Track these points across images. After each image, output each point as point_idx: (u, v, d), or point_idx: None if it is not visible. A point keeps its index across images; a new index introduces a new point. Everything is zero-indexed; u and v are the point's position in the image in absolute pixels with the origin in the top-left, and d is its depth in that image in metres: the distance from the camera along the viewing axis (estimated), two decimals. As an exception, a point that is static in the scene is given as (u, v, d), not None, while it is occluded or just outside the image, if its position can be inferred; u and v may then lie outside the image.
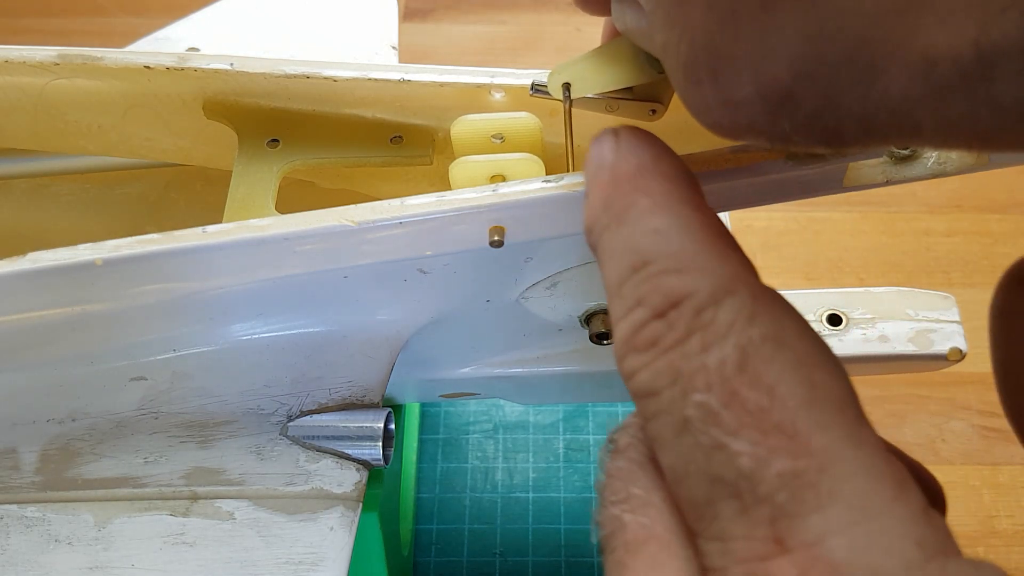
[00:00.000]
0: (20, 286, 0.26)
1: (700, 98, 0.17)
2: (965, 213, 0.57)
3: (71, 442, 0.29)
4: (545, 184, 0.25)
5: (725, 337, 0.16)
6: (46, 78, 0.32)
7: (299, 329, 0.30)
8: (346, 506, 0.28)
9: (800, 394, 0.16)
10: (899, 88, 0.15)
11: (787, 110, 0.16)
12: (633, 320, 0.18)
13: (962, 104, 0.14)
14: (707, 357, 0.16)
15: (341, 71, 0.30)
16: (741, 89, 0.16)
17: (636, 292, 0.18)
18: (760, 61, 0.16)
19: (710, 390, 0.16)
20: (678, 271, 0.17)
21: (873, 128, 0.16)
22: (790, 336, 0.17)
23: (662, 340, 0.17)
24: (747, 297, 0.17)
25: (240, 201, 0.29)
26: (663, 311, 0.17)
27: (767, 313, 0.17)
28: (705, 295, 0.17)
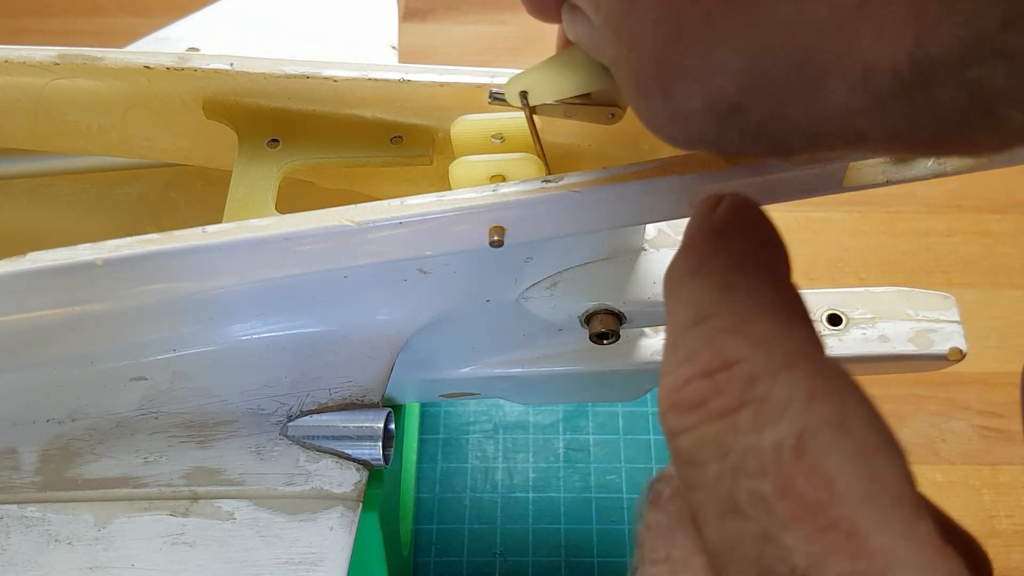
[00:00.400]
0: (20, 286, 0.26)
1: (651, 111, 0.17)
2: (965, 213, 0.57)
3: (71, 442, 0.29)
4: (545, 184, 0.25)
5: (782, 417, 0.16)
6: (46, 78, 0.32)
7: (299, 329, 0.30)
8: (346, 506, 0.28)
9: (860, 488, 0.15)
10: (841, 99, 0.15)
11: (735, 122, 0.16)
12: (680, 375, 0.17)
13: (903, 113, 0.15)
14: (761, 438, 0.16)
15: (341, 71, 0.30)
16: (690, 102, 0.16)
17: (689, 346, 0.17)
18: (707, 75, 0.16)
19: (764, 476, 0.15)
20: (735, 332, 0.17)
21: (819, 138, 0.16)
22: (852, 421, 0.16)
23: (708, 403, 0.16)
24: (808, 374, 0.16)
25: (240, 201, 0.29)
26: (712, 371, 0.17)
27: (830, 393, 0.16)
28: (759, 364, 0.16)
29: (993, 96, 0.14)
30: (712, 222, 0.20)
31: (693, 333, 0.17)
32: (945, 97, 0.14)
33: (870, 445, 0.16)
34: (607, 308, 0.29)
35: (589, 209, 0.25)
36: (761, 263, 0.19)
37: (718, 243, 0.19)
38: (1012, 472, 0.47)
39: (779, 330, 0.17)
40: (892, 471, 0.15)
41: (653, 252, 0.30)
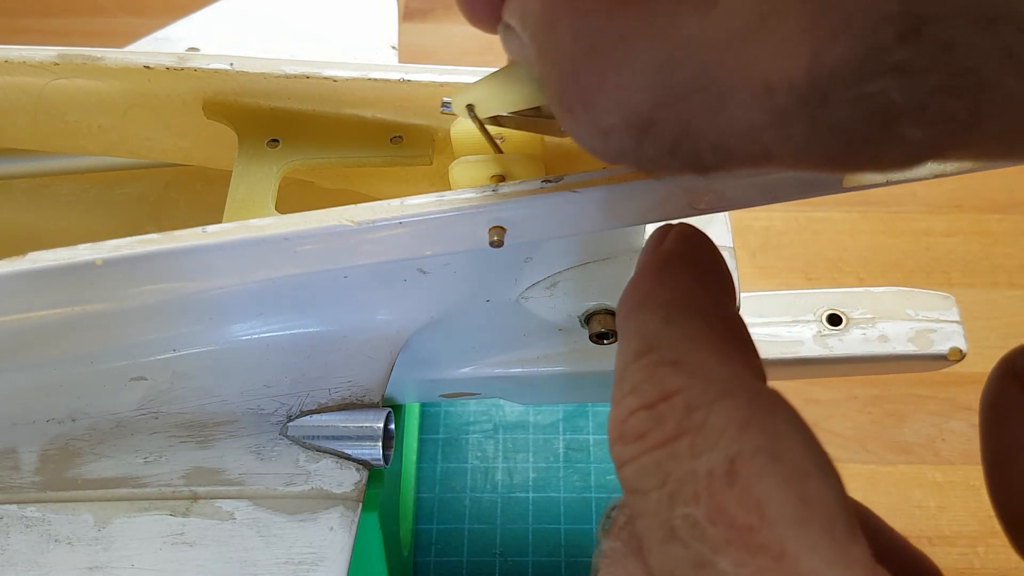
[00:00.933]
0: (20, 286, 0.26)
1: (575, 126, 0.17)
2: (965, 213, 0.57)
3: (71, 442, 0.29)
4: (545, 184, 0.25)
5: (716, 445, 0.16)
6: (46, 78, 0.32)
7: (299, 329, 0.30)
8: (346, 506, 0.28)
9: (790, 512, 0.15)
10: (745, 115, 0.15)
11: (650, 138, 0.16)
12: (624, 407, 0.18)
13: (804, 130, 0.14)
14: (696, 465, 0.16)
15: (341, 71, 0.30)
16: (608, 118, 0.16)
17: (633, 378, 0.18)
18: (622, 91, 0.16)
19: (698, 502, 0.16)
20: (675, 363, 0.17)
21: (729, 154, 0.16)
22: (786, 447, 0.16)
23: (650, 434, 0.17)
24: (743, 402, 0.17)
25: (240, 201, 0.29)
26: (653, 403, 0.17)
27: (763, 420, 0.16)
28: (697, 394, 0.17)
29: (890, 113, 0.14)
30: (659, 255, 0.20)
31: (637, 365, 0.18)
32: (843, 114, 0.14)
33: (802, 469, 0.16)
34: (607, 308, 0.29)
35: (589, 209, 0.25)
36: (703, 294, 0.19)
37: (663, 276, 0.20)
38: (1012, 472, 0.47)
39: (716, 360, 0.17)
40: (824, 495, 0.16)
41: (653, 252, 0.30)
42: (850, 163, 0.15)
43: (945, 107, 0.14)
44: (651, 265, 0.20)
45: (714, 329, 0.18)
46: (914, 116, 0.14)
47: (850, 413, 0.48)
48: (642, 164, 0.17)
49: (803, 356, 0.34)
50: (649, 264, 0.20)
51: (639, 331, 0.19)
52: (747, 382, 0.17)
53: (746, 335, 0.19)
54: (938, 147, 0.14)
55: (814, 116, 0.14)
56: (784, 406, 0.17)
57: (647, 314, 0.19)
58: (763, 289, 0.46)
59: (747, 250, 0.56)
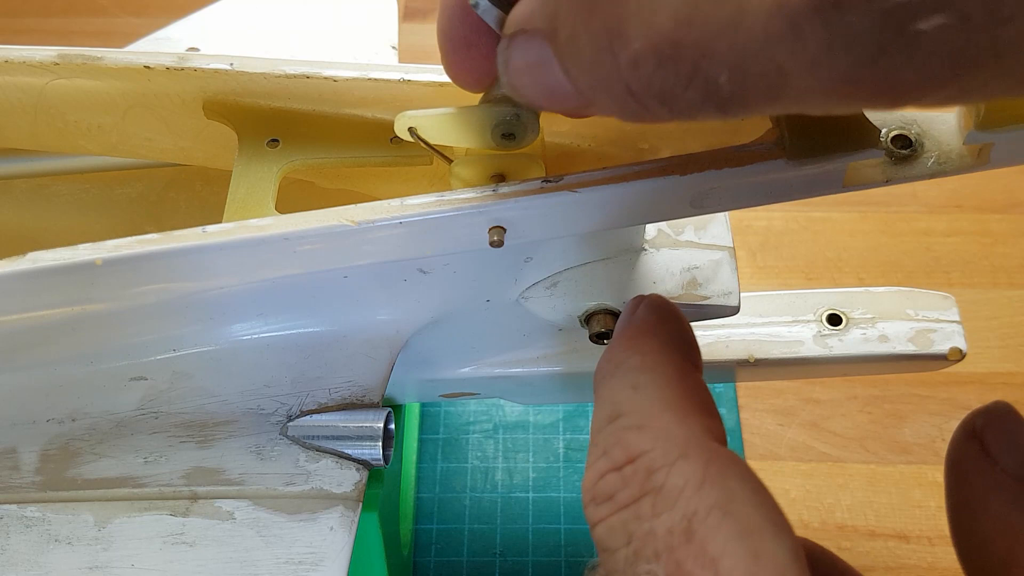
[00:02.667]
0: (20, 286, 0.26)
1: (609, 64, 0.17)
2: (965, 213, 0.57)
3: (71, 442, 0.29)
4: (545, 184, 0.25)
5: (675, 504, 0.17)
6: (46, 78, 0.32)
7: (299, 329, 0.30)
8: (346, 506, 0.28)
9: (742, 567, 0.16)
10: (760, 27, 0.15)
11: (672, 62, 0.16)
12: (596, 469, 0.19)
13: (819, 39, 0.14)
14: (656, 523, 0.17)
15: (341, 71, 0.30)
16: (635, 43, 0.17)
17: (604, 442, 0.19)
18: (647, 12, 0.16)
19: (658, 559, 0.17)
20: (639, 428, 0.19)
21: (746, 79, 0.16)
22: (738, 504, 0.17)
23: (617, 495, 0.18)
24: (699, 463, 0.18)
25: (240, 201, 0.29)
26: (620, 465, 0.18)
27: (718, 479, 0.17)
28: (658, 455, 0.18)
29: (902, 11, 0.14)
30: (630, 325, 0.22)
31: (607, 430, 0.19)
32: (857, 17, 0.14)
33: (754, 525, 0.17)
34: (607, 308, 0.29)
35: (589, 209, 0.25)
36: (668, 361, 0.21)
37: (633, 344, 0.21)
38: (1012, 472, 0.47)
39: (677, 423, 0.19)
40: (774, 549, 0.17)
41: (653, 252, 0.30)
42: (866, 80, 0.15)
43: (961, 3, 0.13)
44: (623, 335, 0.22)
45: (677, 395, 0.19)
46: (928, 13, 0.14)
47: (850, 413, 0.48)
48: (663, 98, 0.17)
49: (803, 356, 0.34)
50: (622, 334, 0.22)
51: (610, 397, 0.20)
52: (705, 444, 0.18)
53: (708, 399, 0.20)
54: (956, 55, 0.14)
55: (828, 22, 0.14)
56: (738, 466, 0.18)
57: (617, 381, 0.20)
58: (763, 289, 0.46)
59: (747, 250, 0.56)
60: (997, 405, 0.22)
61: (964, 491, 0.21)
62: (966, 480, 0.21)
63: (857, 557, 0.44)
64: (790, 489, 0.46)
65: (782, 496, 0.46)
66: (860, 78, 0.15)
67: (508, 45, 0.21)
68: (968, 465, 0.21)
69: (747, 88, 0.16)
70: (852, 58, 0.14)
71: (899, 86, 0.15)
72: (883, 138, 0.25)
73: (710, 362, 0.34)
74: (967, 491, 0.21)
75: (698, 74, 0.16)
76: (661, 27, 0.16)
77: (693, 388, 0.20)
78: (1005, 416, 0.21)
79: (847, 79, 0.15)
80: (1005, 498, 0.20)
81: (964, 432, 0.22)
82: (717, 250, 0.30)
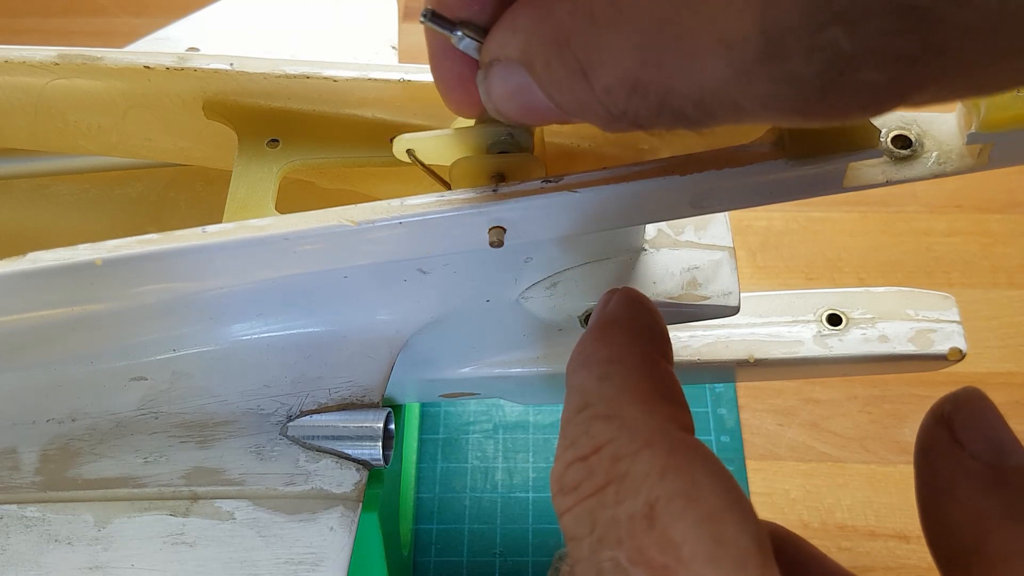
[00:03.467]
0: (20, 286, 0.26)
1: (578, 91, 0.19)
2: (965, 213, 0.57)
3: (71, 442, 0.29)
4: (545, 184, 0.25)
5: (638, 491, 0.17)
6: (46, 78, 0.32)
7: (299, 329, 0.30)
8: (346, 506, 0.28)
9: (704, 552, 0.17)
10: (712, 71, 0.16)
11: (640, 96, 0.18)
12: (563, 459, 0.19)
13: (765, 83, 0.15)
14: (619, 511, 0.17)
15: (341, 71, 0.30)
16: (605, 77, 0.18)
17: (571, 433, 0.19)
18: (614, 51, 0.17)
19: (620, 546, 0.17)
20: (606, 418, 0.19)
21: (708, 109, 0.17)
22: (702, 491, 0.17)
23: (583, 485, 0.18)
24: (664, 450, 0.18)
25: (240, 201, 0.29)
26: (586, 455, 0.19)
27: (682, 466, 0.18)
28: (623, 444, 0.18)
29: (843, 59, 0.15)
30: (601, 317, 0.22)
31: (575, 420, 0.20)
32: (798, 65, 0.15)
33: (716, 511, 0.17)
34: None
35: (589, 209, 0.25)
36: (637, 353, 0.21)
37: (603, 336, 0.21)
38: (1012, 472, 0.47)
39: (643, 412, 0.19)
40: (736, 533, 0.17)
41: (653, 252, 0.30)
42: (815, 112, 0.16)
43: (894, 46, 0.14)
44: (593, 327, 0.22)
45: (643, 384, 0.20)
46: (866, 59, 0.15)
47: (850, 413, 0.48)
48: (641, 123, 0.18)
49: (803, 356, 0.34)
50: (592, 326, 0.22)
51: (579, 388, 0.20)
52: (670, 432, 0.19)
53: (675, 389, 0.20)
54: (899, 87, 0.15)
55: (771, 70, 0.15)
56: (703, 453, 0.18)
57: (585, 372, 0.20)
58: (763, 289, 0.46)
59: (747, 250, 0.56)
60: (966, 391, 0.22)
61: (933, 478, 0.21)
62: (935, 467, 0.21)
63: (857, 557, 0.44)
64: (790, 489, 0.46)
65: (782, 496, 0.46)
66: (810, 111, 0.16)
67: (486, 75, 0.22)
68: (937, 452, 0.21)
69: (711, 115, 0.17)
70: (799, 98, 0.16)
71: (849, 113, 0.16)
72: (883, 138, 0.25)
73: (710, 362, 0.34)
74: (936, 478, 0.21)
75: (665, 105, 0.17)
76: (627, 65, 0.17)
77: (660, 378, 0.20)
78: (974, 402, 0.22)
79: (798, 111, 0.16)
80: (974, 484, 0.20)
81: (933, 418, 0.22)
82: (717, 250, 0.30)
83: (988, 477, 0.20)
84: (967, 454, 0.21)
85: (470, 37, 0.22)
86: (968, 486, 0.20)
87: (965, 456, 0.21)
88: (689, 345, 0.34)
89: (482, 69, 0.22)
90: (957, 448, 0.21)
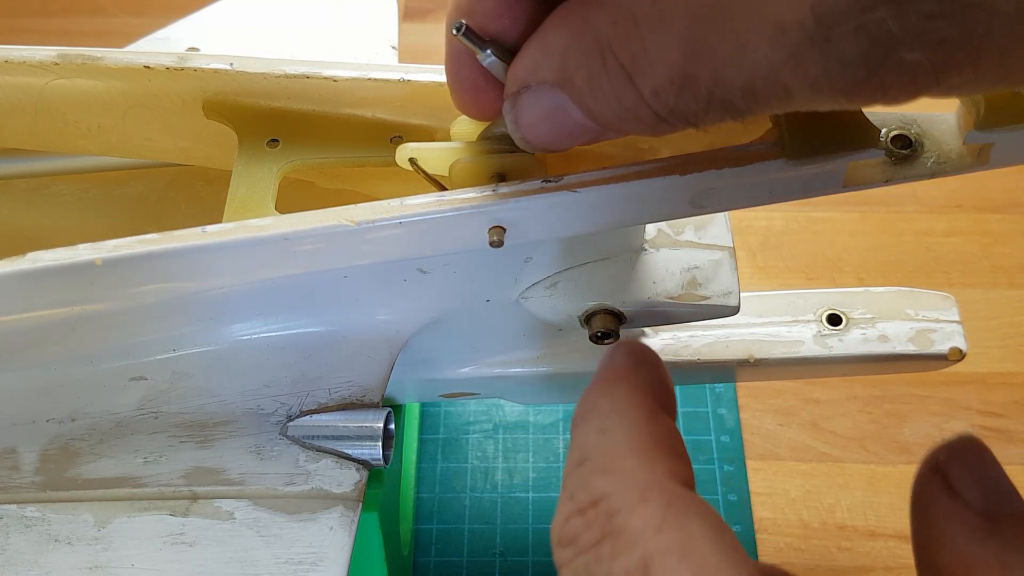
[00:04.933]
0: (20, 286, 0.26)
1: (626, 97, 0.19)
2: (965, 213, 0.57)
3: (71, 442, 0.29)
4: (545, 184, 0.25)
5: (634, 546, 0.18)
6: (46, 78, 0.32)
7: (299, 329, 0.30)
8: (346, 506, 0.28)
9: None
10: (763, 56, 0.17)
11: (689, 90, 0.18)
12: (563, 512, 0.19)
13: (816, 64, 0.16)
14: (615, 564, 0.18)
15: (341, 71, 0.30)
16: (653, 77, 0.19)
17: (571, 485, 0.20)
18: (661, 50, 0.18)
19: None
20: (604, 472, 0.19)
21: (757, 96, 0.18)
22: (696, 546, 0.18)
23: (580, 538, 0.19)
24: (659, 505, 0.18)
25: (240, 201, 0.29)
26: (584, 509, 0.19)
27: (677, 521, 0.18)
28: (620, 499, 0.18)
29: (889, 40, 0.16)
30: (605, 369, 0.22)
31: (576, 473, 0.20)
32: (848, 45, 0.16)
33: (711, 566, 0.17)
34: (607, 308, 0.29)
35: (589, 209, 0.25)
36: (638, 404, 0.21)
37: (605, 389, 0.21)
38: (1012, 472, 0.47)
39: (640, 467, 0.19)
40: None
41: (653, 252, 0.30)
42: (860, 93, 0.17)
43: (938, 30, 0.15)
44: (597, 380, 0.22)
45: (643, 438, 0.20)
46: (910, 42, 0.16)
47: (850, 413, 0.48)
48: (688, 118, 0.19)
49: (803, 356, 0.34)
50: (596, 379, 0.22)
51: (579, 441, 0.20)
52: (667, 487, 0.19)
53: (676, 443, 0.21)
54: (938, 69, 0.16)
55: (823, 50, 0.16)
56: (699, 507, 0.19)
57: (588, 426, 0.21)
58: (763, 289, 0.46)
59: (747, 250, 0.56)
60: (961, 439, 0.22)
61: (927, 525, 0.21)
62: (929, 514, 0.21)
63: (857, 557, 0.44)
64: (790, 489, 0.46)
65: (782, 496, 0.46)
66: (856, 90, 0.17)
67: (514, 104, 0.22)
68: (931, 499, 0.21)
69: (758, 102, 0.18)
70: (847, 78, 0.16)
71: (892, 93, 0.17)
72: (883, 138, 0.25)
73: (710, 362, 0.34)
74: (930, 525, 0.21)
75: (714, 97, 0.18)
76: (673, 62, 0.18)
77: (661, 431, 0.20)
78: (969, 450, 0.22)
79: (845, 91, 0.17)
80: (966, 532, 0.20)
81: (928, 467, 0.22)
82: (717, 250, 0.30)
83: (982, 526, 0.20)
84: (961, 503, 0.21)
85: (497, 56, 0.22)
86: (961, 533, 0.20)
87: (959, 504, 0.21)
88: (689, 345, 0.34)
89: (509, 98, 0.22)
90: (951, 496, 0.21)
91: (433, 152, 0.27)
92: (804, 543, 0.44)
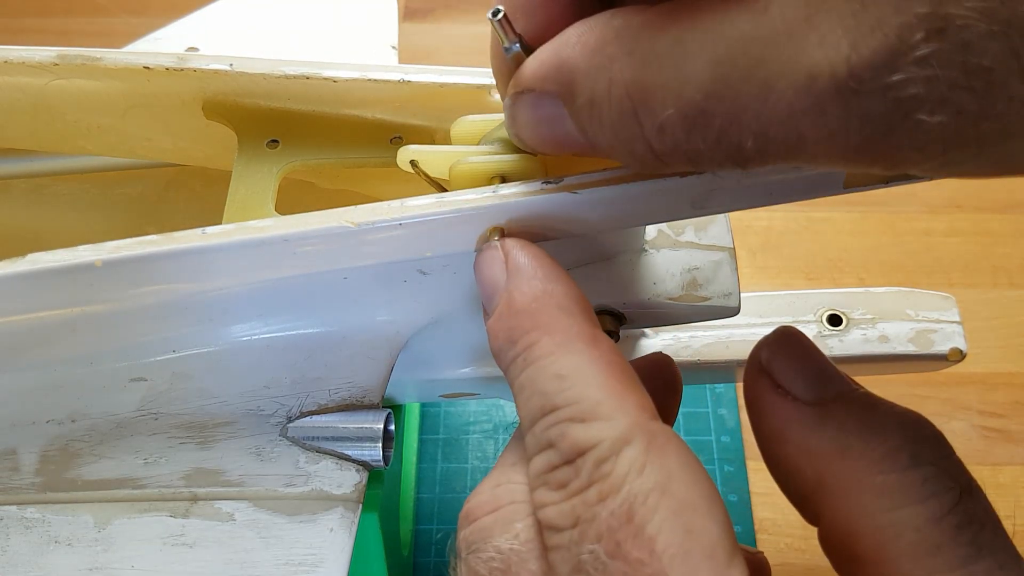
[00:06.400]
0: (20, 287, 0.26)
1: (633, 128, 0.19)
2: (965, 213, 0.57)
3: (71, 443, 0.29)
4: (545, 185, 0.25)
5: (619, 489, 0.19)
6: (46, 78, 0.32)
7: (299, 330, 0.30)
8: (346, 507, 0.28)
9: (676, 543, 0.18)
10: (787, 103, 0.17)
11: (700, 129, 0.18)
12: (546, 460, 0.20)
13: (838, 116, 0.17)
14: (601, 507, 0.19)
15: (341, 71, 0.30)
16: (664, 111, 0.19)
17: (547, 435, 0.20)
18: (678, 85, 0.18)
19: (600, 540, 0.18)
20: (582, 421, 0.20)
21: (768, 142, 0.18)
22: (676, 483, 0.19)
23: (571, 484, 0.19)
24: (641, 446, 0.19)
25: (240, 202, 0.29)
26: (571, 458, 0.20)
27: (657, 461, 0.19)
28: (606, 447, 0.19)
29: (912, 103, 0.16)
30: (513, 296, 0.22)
31: (545, 422, 0.20)
32: (873, 102, 0.16)
33: (688, 502, 0.19)
34: (607, 308, 0.29)
35: (589, 210, 0.25)
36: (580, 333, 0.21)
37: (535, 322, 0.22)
38: (1012, 472, 0.47)
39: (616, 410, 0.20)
40: (706, 524, 0.18)
41: (653, 253, 0.30)
42: (873, 153, 0.17)
43: (959, 99, 0.16)
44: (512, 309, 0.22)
45: (603, 376, 0.20)
46: (931, 107, 0.16)
47: (850, 413, 0.48)
48: (690, 157, 0.19)
49: (803, 356, 0.34)
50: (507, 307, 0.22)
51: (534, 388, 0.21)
52: (644, 425, 0.20)
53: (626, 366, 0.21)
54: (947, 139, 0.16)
55: (848, 103, 0.16)
56: (675, 443, 0.20)
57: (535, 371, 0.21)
58: (763, 289, 0.46)
59: (747, 250, 0.56)
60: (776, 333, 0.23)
61: (765, 428, 0.23)
62: (763, 415, 0.23)
63: (857, 557, 0.44)
64: (790, 489, 0.46)
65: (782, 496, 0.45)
66: (868, 149, 0.17)
67: (514, 102, 0.22)
68: (762, 400, 0.23)
69: (768, 149, 0.18)
70: (864, 134, 0.17)
71: (898, 157, 0.17)
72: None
73: (710, 362, 0.34)
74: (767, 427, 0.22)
75: (724, 138, 0.18)
76: (691, 99, 0.18)
77: (612, 359, 0.21)
78: (788, 344, 0.23)
79: (857, 149, 0.17)
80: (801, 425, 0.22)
81: (752, 367, 0.23)
82: (717, 251, 0.30)
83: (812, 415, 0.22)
84: (790, 398, 0.22)
85: (523, 50, 0.22)
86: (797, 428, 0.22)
87: (788, 400, 0.22)
88: (689, 345, 0.34)
89: (510, 96, 0.22)
90: (779, 394, 0.22)
91: (434, 155, 0.27)
92: (804, 543, 0.44)
